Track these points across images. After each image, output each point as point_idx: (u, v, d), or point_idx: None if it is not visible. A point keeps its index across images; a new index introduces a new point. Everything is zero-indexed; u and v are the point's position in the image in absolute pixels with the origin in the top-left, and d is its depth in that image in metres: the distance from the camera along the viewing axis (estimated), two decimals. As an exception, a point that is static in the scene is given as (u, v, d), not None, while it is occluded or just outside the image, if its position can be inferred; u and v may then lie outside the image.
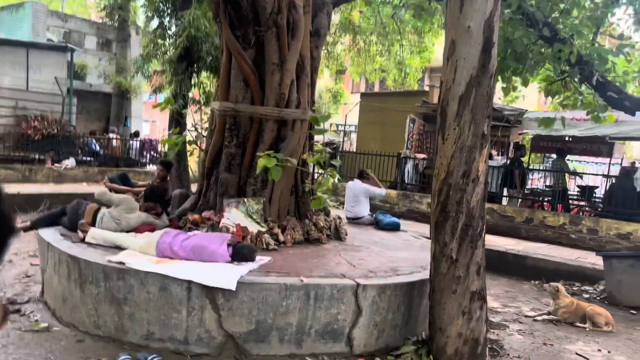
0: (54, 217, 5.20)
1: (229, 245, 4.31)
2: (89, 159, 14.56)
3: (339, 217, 6.15)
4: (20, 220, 5.48)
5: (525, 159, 12.49)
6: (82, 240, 4.61)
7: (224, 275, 3.91)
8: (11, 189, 10.40)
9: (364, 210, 7.66)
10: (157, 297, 3.89)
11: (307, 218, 5.63)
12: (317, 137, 12.67)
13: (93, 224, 4.84)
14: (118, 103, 18.58)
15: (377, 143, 14.86)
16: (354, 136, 22.23)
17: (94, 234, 4.62)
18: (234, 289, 3.79)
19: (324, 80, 25.81)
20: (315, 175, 6.39)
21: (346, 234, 5.93)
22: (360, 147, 15.66)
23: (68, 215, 5.04)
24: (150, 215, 5.14)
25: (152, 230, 4.84)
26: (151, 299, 3.90)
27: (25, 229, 5.26)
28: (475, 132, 3.84)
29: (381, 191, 8.01)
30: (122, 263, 4.03)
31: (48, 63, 15.28)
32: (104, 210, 4.98)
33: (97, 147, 15.19)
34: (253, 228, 5.05)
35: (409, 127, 13.74)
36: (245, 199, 5.32)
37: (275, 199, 5.44)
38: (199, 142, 6.36)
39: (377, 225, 7.34)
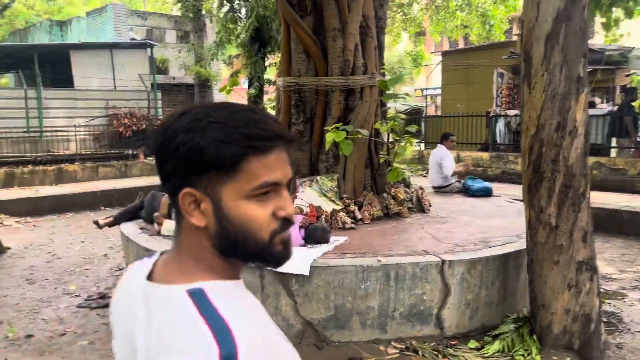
0: (134, 211, 5.26)
1: (301, 227, 4.08)
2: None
3: (421, 188, 5.70)
4: (104, 217, 5.61)
5: (636, 104, 11.09)
6: (158, 233, 4.59)
7: (296, 260, 3.68)
8: (108, 185, 11.01)
9: (450, 178, 7.11)
10: (230, 286, 3.75)
11: (385, 191, 5.24)
12: (401, 106, 12.16)
13: (169, 216, 4.82)
14: (200, 92, 19.06)
15: (464, 103, 13.95)
16: (439, 99, 21.21)
17: (169, 226, 4.57)
18: (307, 274, 3.57)
19: (403, 44, 24.82)
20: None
21: (430, 205, 5.49)
22: (446, 110, 14.80)
23: (145, 208, 5.07)
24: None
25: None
26: (225, 288, 3.77)
27: (110, 225, 5.38)
28: (568, 75, 3.26)
29: (448, 171, 7.11)
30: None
31: (131, 61, 15.97)
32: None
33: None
34: (327, 207, 4.77)
35: (497, 83, 12.68)
36: (318, 177, 5.05)
37: (349, 174, 5.11)
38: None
39: (467, 192, 6.79)
